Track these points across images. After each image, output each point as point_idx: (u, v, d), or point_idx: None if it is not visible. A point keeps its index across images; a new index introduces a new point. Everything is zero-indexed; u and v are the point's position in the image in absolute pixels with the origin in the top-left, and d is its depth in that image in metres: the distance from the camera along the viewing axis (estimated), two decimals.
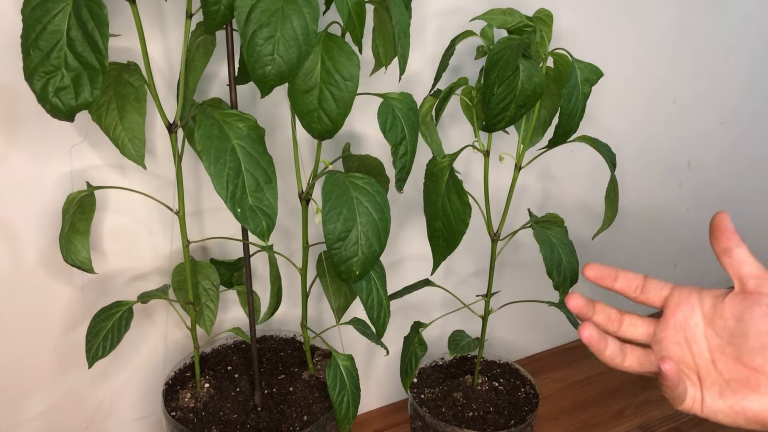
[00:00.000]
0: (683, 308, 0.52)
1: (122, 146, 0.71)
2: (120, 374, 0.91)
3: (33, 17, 0.57)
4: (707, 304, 0.52)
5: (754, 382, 0.48)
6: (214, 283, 0.81)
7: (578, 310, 0.54)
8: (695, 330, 0.52)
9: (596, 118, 1.15)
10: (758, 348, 0.48)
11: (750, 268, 0.50)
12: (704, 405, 0.50)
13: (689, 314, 0.52)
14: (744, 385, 0.49)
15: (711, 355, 0.51)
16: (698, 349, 0.52)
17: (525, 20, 0.76)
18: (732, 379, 0.50)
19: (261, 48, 0.59)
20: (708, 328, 0.51)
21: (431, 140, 0.83)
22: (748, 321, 0.49)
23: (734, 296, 0.50)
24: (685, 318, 0.52)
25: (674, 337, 0.53)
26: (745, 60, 1.33)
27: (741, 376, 0.49)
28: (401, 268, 1.07)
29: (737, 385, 0.49)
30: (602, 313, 0.55)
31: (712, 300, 0.52)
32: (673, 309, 0.53)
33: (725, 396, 0.50)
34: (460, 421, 0.91)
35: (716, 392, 0.50)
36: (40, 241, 0.80)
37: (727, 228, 0.51)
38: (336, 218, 0.68)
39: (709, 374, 0.51)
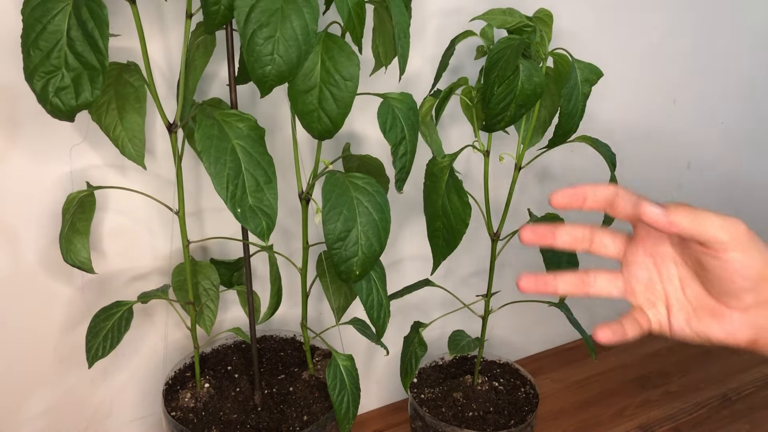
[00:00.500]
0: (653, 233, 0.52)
1: (122, 146, 0.71)
2: (120, 374, 0.91)
3: (33, 17, 0.57)
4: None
5: (719, 312, 0.50)
6: (214, 283, 0.81)
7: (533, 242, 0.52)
8: (665, 257, 0.52)
9: (596, 118, 1.15)
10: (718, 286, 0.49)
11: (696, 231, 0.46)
12: (672, 329, 0.52)
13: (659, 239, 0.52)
14: (709, 314, 0.50)
15: (681, 282, 0.51)
16: (668, 275, 0.52)
17: (525, 20, 0.76)
18: (698, 307, 0.51)
19: (261, 48, 0.59)
20: (678, 256, 0.51)
21: (431, 140, 0.83)
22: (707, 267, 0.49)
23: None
24: (654, 243, 0.52)
25: (643, 262, 0.52)
26: (745, 60, 1.33)
27: (706, 305, 0.50)
28: (401, 268, 1.07)
29: (703, 314, 0.50)
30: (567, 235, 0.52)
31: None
32: (643, 235, 0.52)
33: (692, 322, 0.51)
34: (460, 421, 0.91)
35: (683, 319, 0.51)
36: (40, 241, 0.80)
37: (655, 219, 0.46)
38: (336, 218, 0.68)
39: (678, 301, 0.52)
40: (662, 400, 1.19)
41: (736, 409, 1.17)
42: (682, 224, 0.45)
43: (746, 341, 0.49)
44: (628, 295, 0.53)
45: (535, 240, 0.52)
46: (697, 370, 1.27)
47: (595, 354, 0.91)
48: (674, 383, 1.23)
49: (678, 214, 0.45)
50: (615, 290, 0.53)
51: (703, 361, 1.29)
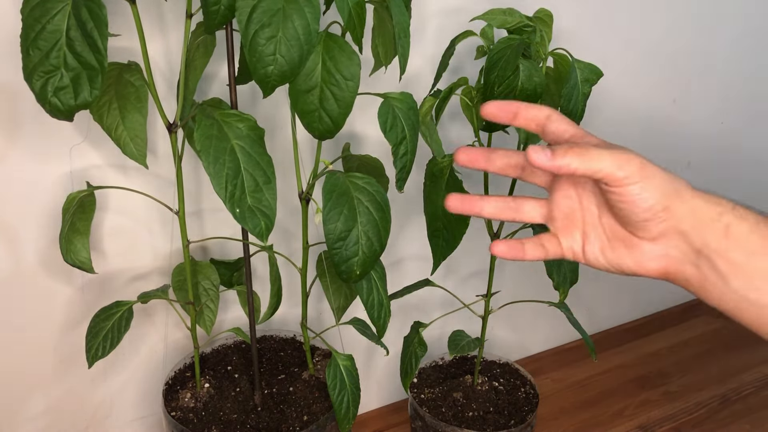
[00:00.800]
0: None
1: (124, 146, 0.71)
2: (120, 374, 0.91)
3: (32, 17, 0.57)
4: None
5: (629, 242, 0.51)
6: (214, 283, 0.81)
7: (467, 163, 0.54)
8: (585, 187, 0.53)
9: (596, 118, 1.15)
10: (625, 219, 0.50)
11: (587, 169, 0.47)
12: (585, 257, 0.54)
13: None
14: (622, 244, 0.52)
15: (598, 211, 0.53)
16: (588, 205, 0.53)
17: (525, 20, 0.76)
18: (613, 237, 0.52)
19: (263, 48, 0.59)
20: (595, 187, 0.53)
21: (431, 140, 0.83)
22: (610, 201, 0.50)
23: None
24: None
25: (566, 191, 0.54)
26: (745, 60, 1.33)
27: (620, 235, 0.52)
28: (401, 268, 1.07)
29: (616, 243, 0.52)
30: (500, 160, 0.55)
31: None
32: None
33: (605, 252, 0.53)
34: (460, 421, 0.91)
35: (598, 248, 0.53)
36: (40, 241, 0.80)
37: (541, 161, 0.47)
38: (336, 218, 0.68)
39: (595, 230, 0.53)
40: (662, 400, 1.19)
41: (736, 409, 1.17)
42: (572, 165, 0.47)
43: (657, 271, 0.51)
44: (548, 222, 0.55)
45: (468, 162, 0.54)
46: (697, 370, 1.27)
47: (595, 354, 0.91)
48: (674, 383, 1.23)
49: (566, 156, 0.47)
50: (539, 216, 0.55)
51: (703, 361, 1.29)
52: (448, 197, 0.54)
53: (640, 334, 1.38)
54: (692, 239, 0.49)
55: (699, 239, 0.49)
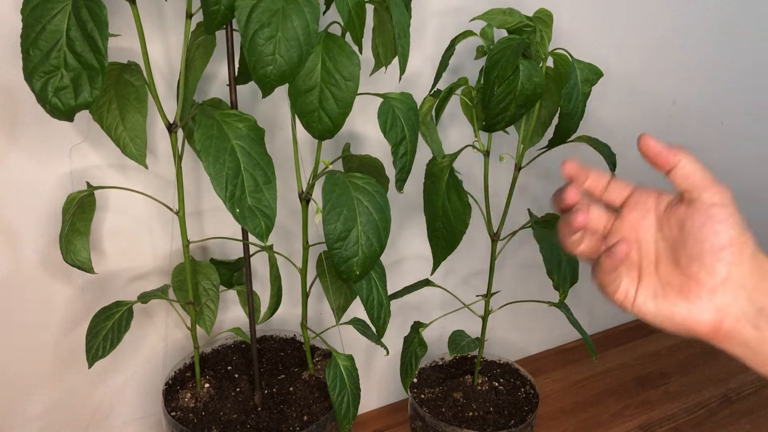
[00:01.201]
0: (640, 209, 0.54)
1: (124, 146, 0.71)
2: (120, 374, 0.91)
3: (33, 17, 0.57)
4: (662, 208, 0.53)
5: (686, 289, 0.50)
6: (214, 283, 0.81)
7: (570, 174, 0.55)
8: (647, 231, 0.53)
9: (596, 118, 1.15)
10: (695, 256, 0.49)
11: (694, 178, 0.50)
12: (635, 302, 0.52)
13: (643, 215, 0.54)
14: (677, 291, 0.51)
15: (656, 257, 0.53)
16: (646, 250, 0.53)
17: (525, 20, 0.76)
18: (668, 283, 0.51)
19: (262, 48, 0.59)
20: (658, 232, 0.53)
21: (431, 140, 0.83)
22: (688, 228, 0.50)
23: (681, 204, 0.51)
24: (638, 219, 0.54)
25: (627, 235, 0.54)
26: (745, 60, 1.33)
27: (676, 282, 0.51)
28: (401, 268, 1.07)
29: (670, 290, 0.51)
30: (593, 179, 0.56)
31: (666, 204, 0.53)
32: (630, 208, 0.54)
33: (657, 298, 0.52)
34: (460, 421, 0.91)
35: (650, 293, 0.52)
36: (40, 241, 0.80)
37: (661, 150, 0.51)
38: (336, 218, 0.68)
39: (650, 275, 0.53)
40: (662, 400, 1.19)
41: (736, 409, 1.17)
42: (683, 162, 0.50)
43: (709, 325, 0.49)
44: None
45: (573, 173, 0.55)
46: (697, 370, 1.27)
47: (595, 354, 0.91)
48: (674, 383, 1.23)
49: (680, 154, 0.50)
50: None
51: (703, 361, 1.29)
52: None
53: (640, 334, 1.38)
54: (754, 296, 0.48)
55: (762, 297, 0.48)
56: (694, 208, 0.50)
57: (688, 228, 0.50)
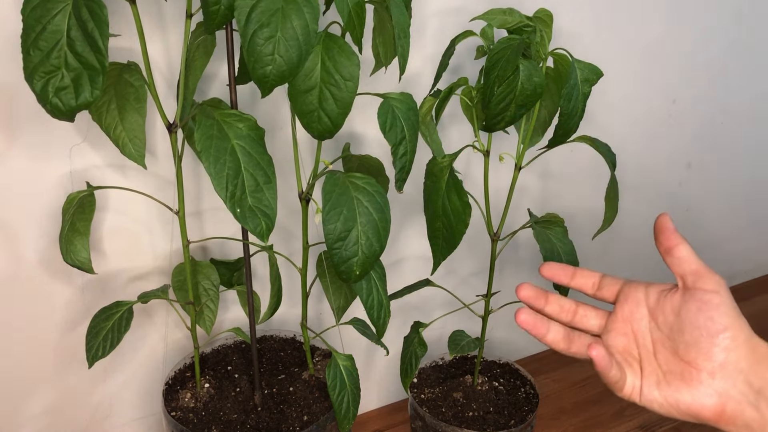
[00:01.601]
0: (630, 302, 0.55)
1: (123, 146, 0.71)
2: (120, 374, 0.91)
3: (33, 17, 0.57)
4: (652, 299, 0.54)
5: (688, 376, 0.51)
6: (214, 283, 0.81)
7: (528, 300, 0.58)
8: (640, 323, 0.55)
9: (596, 118, 1.15)
10: (692, 342, 0.51)
11: (690, 265, 0.52)
12: (642, 394, 0.54)
13: (635, 308, 0.55)
14: (679, 378, 0.52)
15: (653, 347, 0.54)
16: (643, 341, 0.55)
17: (525, 20, 0.76)
18: (669, 371, 0.53)
19: (261, 48, 0.59)
20: (651, 322, 0.54)
21: (431, 140, 0.83)
22: (684, 316, 0.51)
23: (675, 292, 0.53)
24: (631, 311, 0.55)
25: (622, 329, 0.55)
26: (745, 60, 1.33)
27: (677, 369, 0.52)
28: (401, 268, 1.07)
29: (672, 378, 0.52)
30: (555, 304, 0.58)
31: (656, 295, 0.54)
32: (621, 302, 0.56)
33: (661, 387, 0.53)
34: (460, 421, 0.91)
35: (653, 383, 0.53)
36: (40, 241, 0.80)
37: (668, 228, 0.53)
38: (336, 218, 0.68)
39: (650, 365, 0.54)
40: None
41: None
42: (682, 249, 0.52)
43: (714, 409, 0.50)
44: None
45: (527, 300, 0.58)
46: None
47: None
48: None
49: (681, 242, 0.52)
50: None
51: None
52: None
53: None
54: (751, 379, 0.49)
55: (759, 379, 0.49)
56: (689, 295, 0.51)
57: (684, 315, 0.51)
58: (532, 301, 0.58)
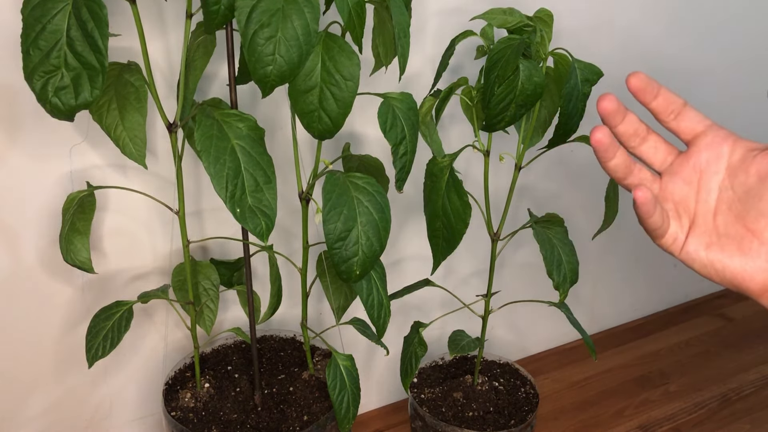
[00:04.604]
0: (711, 151, 0.50)
1: (123, 146, 0.71)
2: (120, 374, 0.91)
3: (33, 17, 0.57)
4: (737, 155, 0.49)
5: (747, 244, 0.47)
6: (214, 283, 0.81)
7: (608, 114, 0.51)
8: (713, 177, 0.49)
9: (596, 118, 1.15)
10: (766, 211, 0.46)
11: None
12: (684, 249, 0.50)
13: (714, 160, 0.49)
14: (735, 244, 0.48)
15: (716, 206, 0.49)
16: (705, 197, 0.49)
17: (525, 20, 0.76)
18: (726, 234, 0.48)
19: (262, 48, 0.59)
20: (726, 180, 0.49)
21: (431, 140, 0.83)
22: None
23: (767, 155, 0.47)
24: (708, 161, 0.50)
25: (688, 176, 0.50)
26: (745, 60, 1.33)
27: (736, 234, 0.48)
28: (401, 268, 1.07)
29: (728, 242, 0.48)
30: (630, 125, 0.52)
31: (743, 152, 0.49)
32: (700, 148, 0.50)
33: (711, 249, 0.49)
34: (460, 421, 0.91)
35: (704, 243, 0.49)
36: (40, 241, 0.80)
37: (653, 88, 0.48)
38: (336, 218, 0.68)
39: (705, 223, 0.49)
40: (662, 400, 1.19)
41: (736, 409, 1.17)
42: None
43: (761, 284, 0.47)
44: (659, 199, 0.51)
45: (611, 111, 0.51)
46: (697, 370, 1.27)
47: (595, 354, 0.91)
48: (674, 383, 1.23)
49: None
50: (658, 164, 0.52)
51: (703, 361, 1.29)
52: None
53: (640, 334, 1.38)
54: None
55: None
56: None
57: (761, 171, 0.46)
58: (611, 115, 0.51)
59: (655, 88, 0.51)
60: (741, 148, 0.49)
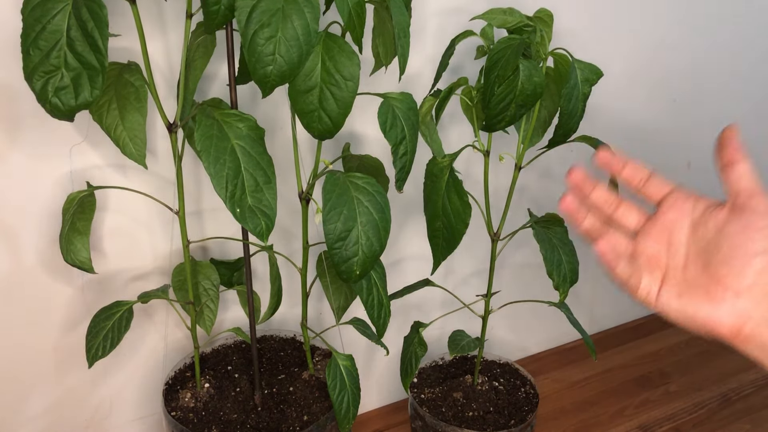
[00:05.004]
0: (676, 210, 0.54)
1: (123, 146, 0.71)
2: (120, 374, 0.91)
3: (33, 17, 0.57)
4: (698, 212, 0.53)
5: (713, 292, 0.51)
6: (214, 283, 0.81)
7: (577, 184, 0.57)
8: (680, 233, 0.54)
9: (596, 118, 1.15)
10: (725, 260, 0.50)
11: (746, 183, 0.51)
12: (658, 300, 0.53)
13: (679, 217, 0.54)
14: (703, 292, 0.51)
15: (685, 259, 0.53)
16: (675, 252, 0.54)
17: (525, 20, 0.76)
18: (695, 284, 0.52)
19: (262, 48, 0.59)
20: (691, 234, 0.53)
21: (431, 140, 0.83)
22: (725, 233, 0.51)
23: (722, 208, 0.52)
24: (674, 220, 0.54)
25: (658, 235, 0.55)
26: (745, 60, 1.33)
27: (704, 283, 0.51)
28: (401, 268, 1.07)
29: (696, 291, 0.52)
30: (601, 194, 0.57)
31: (703, 208, 0.53)
32: (666, 208, 0.55)
33: (682, 298, 0.52)
34: (460, 421, 0.91)
35: (675, 293, 0.53)
36: (40, 241, 0.80)
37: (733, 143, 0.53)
38: (336, 218, 0.68)
39: (676, 276, 0.53)
40: (662, 400, 1.19)
41: (736, 409, 1.17)
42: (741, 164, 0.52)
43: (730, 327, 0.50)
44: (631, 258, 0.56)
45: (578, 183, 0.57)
46: (697, 370, 1.27)
47: (595, 354, 0.91)
48: (674, 383, 1.23)
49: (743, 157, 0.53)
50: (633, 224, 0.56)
51: (703, 361, 1.29)
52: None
53: (640, 334, 1.38)
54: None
55: None
56: (737, 213, 0.51)
57: (725, 232, 0.51)
58: (580, 185, 0.57)
59: (620, 161, 0.57)
60: (701, 205, 0.54)
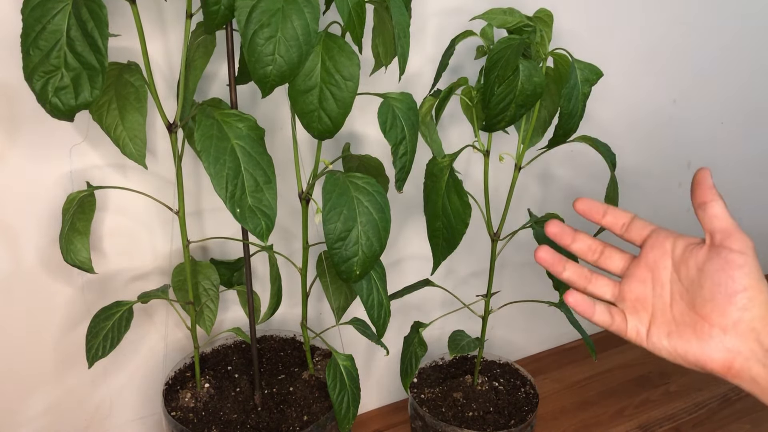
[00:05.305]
0: (657, 250, 0.55)
1: (123, 146, 0.71)
2: (120, 374, 0.91)
3: (33, 17, 0.57)
4: (678, 251, 0.54)
5: (700, 329, 0.52)
6: (214, 283, 0.81)
7: (556, 236, 0.58)
8: (663, 272, 0.55)
9: (596, 118, 1.15)
10: (709, 298, 0.51)
11: (721, 222, 0.52)
12: (649, 340, 0.56)
13: (661, 257, 0.55)
14: (690, 330, 0.53)
15: (671, 298, 0.55)
16: (660, 291, 0.55)
17: (525, 20, 0.76)
18: (682, 322, 0.53)
19: (262, 48, 0.59)
20: (674, 273, 0.54)
21: (431, 140, 0.83)
22: (706, 272, 0.52)
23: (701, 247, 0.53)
24: (656, 260, 0.55)
25: (642, 276, 0.56)
26: (745, 60, 1.33)
27: (691, 321, 0.53)
28: (401, 268, 1.07)
29: (684, 329, 0.53)
30: (582, 243, 0.58)
31: (683, 247, 0.54)
32: (648, 250, 0.56)
33: (672, 337, 0.54)
34: (460, 421, 0.91)
35: (664, 332, 0.54)
36: (40, 241, 0.80)
37: (706, 184, 0.53)
38: (336, 218, 0.68)
39: (663, 315, 0.55)
40: (662, 400, 1.19)
41: (736, 409, 1.17)
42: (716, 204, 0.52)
43: (721, 363, 0.52)
44: (618, 301, 0.57)
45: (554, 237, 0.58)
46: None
47: (595, 354, 0.91)
48: (674, 383, 1.23)
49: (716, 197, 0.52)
50: (609, 294, 0.58)
51: None
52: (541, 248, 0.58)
53: None
54: (763, 338, 0.50)
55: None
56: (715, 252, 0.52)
57: (706, 271, 0.52)
58: (559, 237, 0.58)
59: (600, 208, 0.58)
60: (681, 243, 0.54)
